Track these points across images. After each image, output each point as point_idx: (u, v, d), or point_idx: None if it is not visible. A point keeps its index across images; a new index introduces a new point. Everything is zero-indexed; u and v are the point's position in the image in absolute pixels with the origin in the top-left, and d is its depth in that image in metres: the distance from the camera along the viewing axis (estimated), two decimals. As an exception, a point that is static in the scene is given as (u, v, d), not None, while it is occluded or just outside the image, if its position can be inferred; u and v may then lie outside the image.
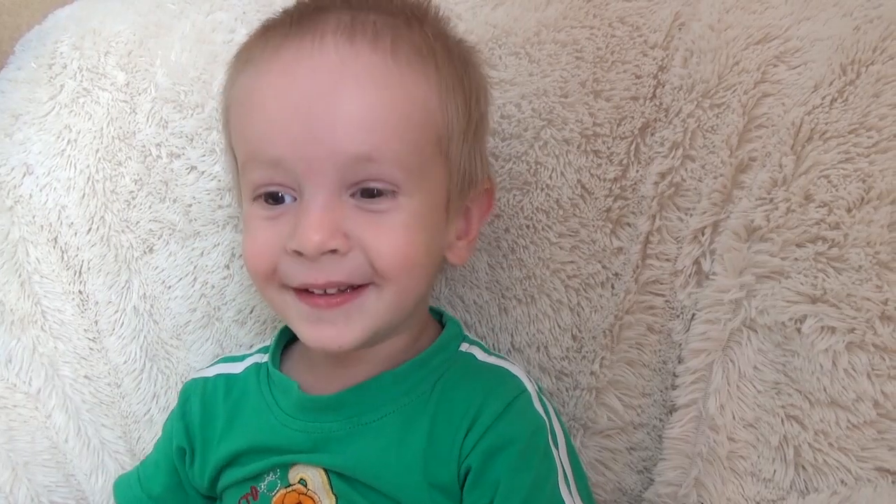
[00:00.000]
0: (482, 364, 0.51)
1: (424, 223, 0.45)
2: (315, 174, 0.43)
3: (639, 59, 0.59)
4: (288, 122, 0.43)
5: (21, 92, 0.67)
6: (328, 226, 0.43)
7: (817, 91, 0.52)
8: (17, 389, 0.61)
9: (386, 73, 0.44)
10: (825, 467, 0.49)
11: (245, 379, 0.54)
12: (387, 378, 0.49)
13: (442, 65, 0.46)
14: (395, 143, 0.43)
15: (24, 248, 0.64)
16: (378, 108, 0.43)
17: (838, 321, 0.49)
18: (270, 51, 0.45)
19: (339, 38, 0.44)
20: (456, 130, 0.47)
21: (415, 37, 0.46)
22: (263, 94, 0.44)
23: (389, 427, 0.48)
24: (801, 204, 0.51)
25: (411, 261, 0.45)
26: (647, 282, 0.58)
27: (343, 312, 0.45)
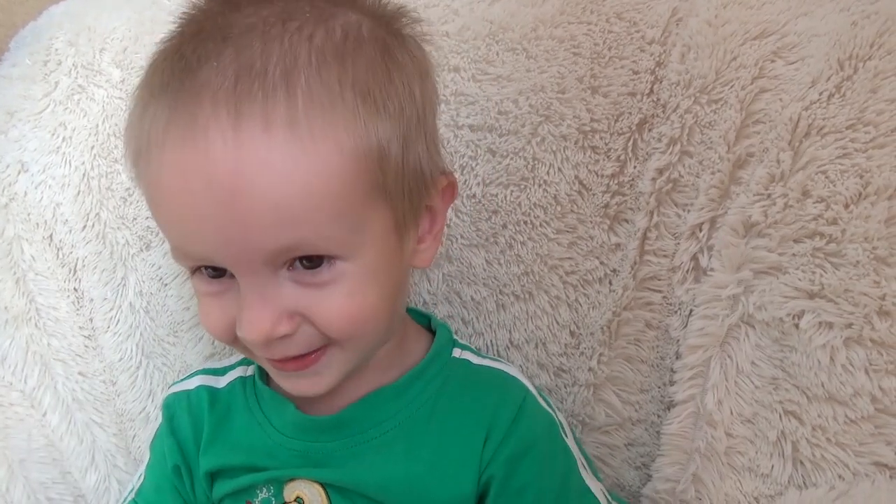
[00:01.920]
0: (479, 369, 0.50)
1: (372, 277, 0.42)
2: (243, 267, 0.40)
3: (636, 54, 0.58)
4: (199, 227, 0.39)
5: (16, 89, 0.66)
6: (270, 316, 0.40)
7: (815, 86, 0.52)
8: (13, 388, 0.61)
9: (288, 153, 0.37)
10: (823, 462, 0.49)
11: (230, 393, 0.52)
12: (386, 393, 0.48)
13: (356, 101, 0.39)
14: (317, 226, 0.39)
15: (20, 246, 0.63)
16: (289, 197, 0.38)
17: (836, 316, 0.49)
18: (154, 141, 0.39)
19: (224, 126, 0.37)
20: (392, 160, 0.41)
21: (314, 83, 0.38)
22: (163, 196, 0.40)
23: (393, 441, 0.47)
24: (798, 199, 0.51)
25: (364, 321, 0.42)
26: (644, 278, 0.58)
27: (311, 371, 0.44)
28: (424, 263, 0.47)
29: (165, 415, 0.53)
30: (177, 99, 0.38)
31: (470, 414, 0.47)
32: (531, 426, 0.47)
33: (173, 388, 0.54)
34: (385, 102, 0.41)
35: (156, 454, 0.53)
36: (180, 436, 0.52)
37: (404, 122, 0.42)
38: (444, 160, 0.48)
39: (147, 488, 0.53)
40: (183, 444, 0.52)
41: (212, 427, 0.51)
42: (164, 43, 0.42)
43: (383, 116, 0.41)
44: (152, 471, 0.53)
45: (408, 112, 0.43)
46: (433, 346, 0.50)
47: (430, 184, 0.45)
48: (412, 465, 0.46)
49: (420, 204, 0.45)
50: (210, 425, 0.51)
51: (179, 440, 0.52)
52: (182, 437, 0.52)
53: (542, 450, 0.46)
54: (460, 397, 0.48)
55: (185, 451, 0.52)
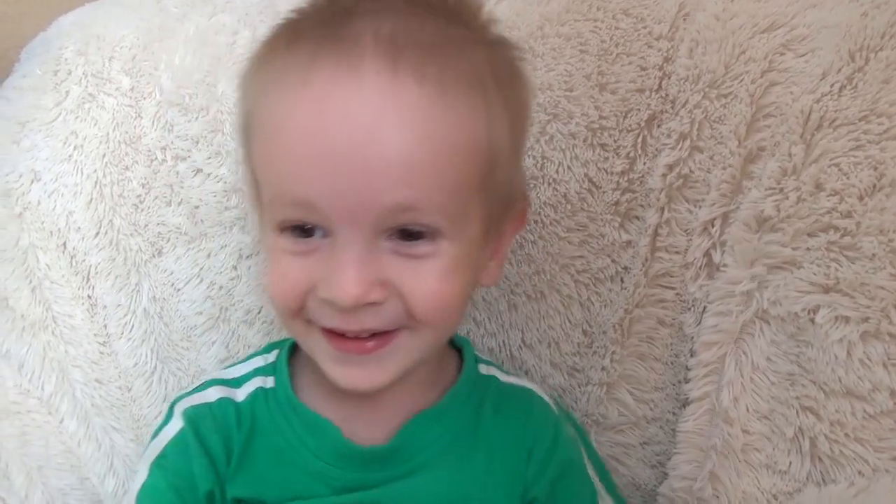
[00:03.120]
0: (508, 387, 0.51)
1: (464, 266, 0.42)
2: (349, 221, 0.39)
3: (644, 50, 0.58)
4: (320, 167, 0.38)
5: (27, 99, 0.67)
6: (367, 279, 0.39)
7: (826, 78, 0.51)
8: (30, 395, 0.62)
9: (432, 113, 0.38)
10: (842, 458, 0.48)
11: (251, 408, 0.47)
12: (429, 416, 0.47)
13: (491, 93, 0.41)
14: (437, 191, 0.39)
15: (35, 255, 0.64)
16: (421, 154, 0.38)
17: (852, 310, 0.48)
18: (299, 74, 0.39)
19: (380, 67, 0.37)
20: (501, 158, 0.43)
21: (463, 63, 0.40)
22: (292, 128, 0.39)
23: (439, 465, 0.46)
24: (811, 193, 0.50)
25: (450, 306, 0.42)
26: (656, 275, 0.58)
27: (374, 357, 0.42)
28: (491, 281, 0.48)
29: (191, 430, 0.46)
30: (333, 34, 0.39)
31: (510, 434, 0.48)
32: (567, 448, 0.49)
33: (189, 401, 0.48)
34: (509, 107, 0.43)
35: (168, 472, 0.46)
36: (214, 455, 0.46)
37: (515, 135, 0.44)
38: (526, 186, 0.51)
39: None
40: (216, 464, 0.46)
41: (240, 448, 0.46)
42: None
43: (505, 119, 0.43)
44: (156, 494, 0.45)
45: (517, 128, 0.45)
46: (466, 365, 0.50)
47: (514, 204, 0.47)
48: (460, 488, 0.46)
49: (502, 220, 0.46)
50: (238, 446, 0.46)
51: (213, 459, 0.46)
52: (215, 456, 0.46)
53: (577, 470, 0.49)
54: (498, 417, 0.49)
55: (219, 472, 0.46)
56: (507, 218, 0.47)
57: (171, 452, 0.46)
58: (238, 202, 0.64)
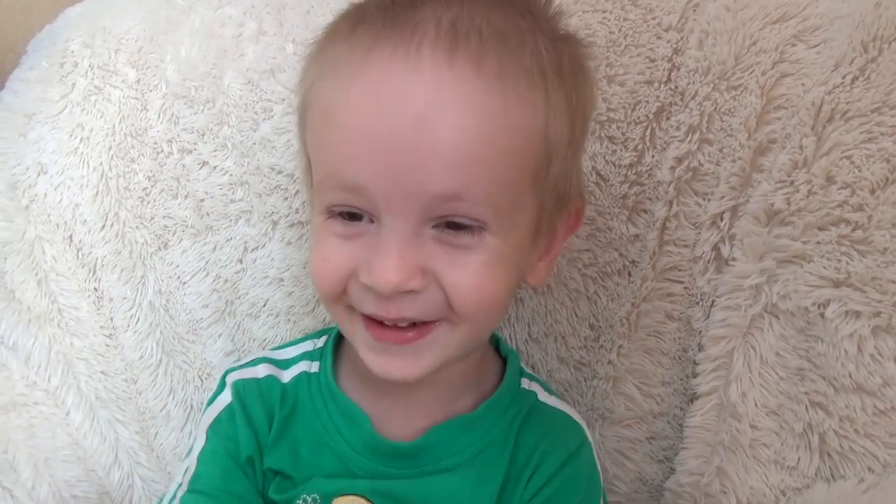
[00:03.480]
0: (545, 407, 0.50)
1: (508, 262, 0.41)
2: (396, 207, 0.39)
3: (653, 42, 0.57)
4: (371, 150, 0.38)
5: (34, 91, 0.67)
6: (408, 266, 0.39)
7: (838, 70, 0.50)
8: (37, 387, 0.62)
9: (488, 103, 0.38)
10: (851, 454, 0.48)
11: (295, 389, 0.49)
12: (463, 422, 0.47)
13: (552, 87, 0.41)
14: (487, 184, 0.39)
15: (41, 247, 0.64)
16: (474, 143, 0.38)
17: (863, 305, 0.48)
18: (358, 57, 0.39)
19: (438, 54, 0.38)
20: (557, 154, 0.42)
21: (525, 53, 0.40)
22: (346, 111, 0.39)
23: (465, 471, 0.46)
24: (822, 186, 0.50)
25: (490, 301, 0.41)
26: (664, 269, 0.57)
27: (412, 348, 0.42)
28: (538, 281, 0.47)
29: (237, 400, 0.49)
30: (396, 18, 0.39)
31: (527, 449, 0.47)
32: (576, 474, 0.47)
33: (239, 374, 0.50)
34: (570, 104, 0.42)
35: (220, 437, 0.49)
36: (256, 426, 0.49)
37: (575, 132, 0.43)
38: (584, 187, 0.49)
39: (206, 472, 0.48)
40: (259, 434, 0.48)
41: (280, 423, 0.49)
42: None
43: (565, 115, 0.42)
44: (212, 454, 0.48)
45: (577, 124, 0.44)
46: (506, 377, 0.49)
47: (568, 203, 0.46)
48: (481, 494, 0.46)
49: (555, 218, 0.45)
50: (279, 421, 0.49)
51: (256, 430, 0.48)
52: (258, 427, 0.48)
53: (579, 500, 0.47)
54: (530, 435, 0.48)
55: (260, 442, 0.48)
56: (559, 217, 0.46)
57: (224, 419, 0.49)
58: (244, 195, 0.64)
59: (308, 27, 0.64)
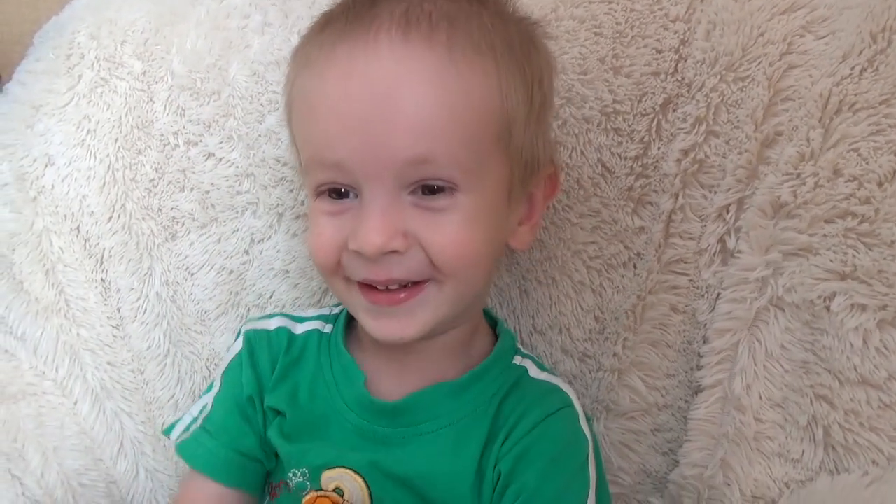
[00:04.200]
0: (534, 380, 0.50)
1: (484, 218, 0.45)
2: (373, 177, 0.43)
3: (659, 33, 0.57)
4: (345, 129, 0.43)
5: (41, 83, 0.67)
6: (388, 228, 0.43)
7: (846, 61, 0.50)
8: (45, 377, 0.62)
9: (442, 72, 0.43)
10: (856, 447, 0.48)
11: (305, 342, 0.54)
12: (446, 388, 0.49)
13: (501, 56, 0.45)
14: (451, 145, 0.43)
15: (48, 238, 0.65)
16: (434, 110, 0.43)
17: (869, 298, 0.47)
18: (326, 52, 0.44)
19: (394, 36, 0.43)
20: (517, 121, 0.46)
21: (472, 29, 0.45)
22: (320, 101, 0.44)
23: (445, 437, 0.48)
24: (829, 178, 0.49)
25: (471, 257, 0.45)
26: (670, 261, 0.57)
27: (405, 308, 0.45)
28: (521, 245, 0.51)
29: (246, 346, 0.54)
30: (356, 17, 0.45)
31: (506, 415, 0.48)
32: (551, 431, 0.47)
33: (253, 325, 0.55)
34: (523, 73, 0.46)
35: (229, 383, 0.54)
36: (259, 369, 0.53)
37: (531, 101, 0.47)
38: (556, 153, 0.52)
39: (216, 414, 0.53)
40: (261, 377, 0.53)
41: (283, 367, 0.53)
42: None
43: (519, 83, 0.46)
44: (222, 399, 0.54)
45: (536, 96, 0.47)
46: (496, 348, 0.51)
47: (540, 168, 0.49)
48: (458, 461, 0.47)
49: (528, 182, 0.49)
50: (282, 365, 0.53)
51: (258, 373, 0.53)
52: (261, 370, 0.53)
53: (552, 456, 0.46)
54: (511, 404, 0.48)
55: (262, 384, 0.53)
56: (532, 182, 0.49)
57: (234, 366, 0.54)
58: (249, 186, 0.64)
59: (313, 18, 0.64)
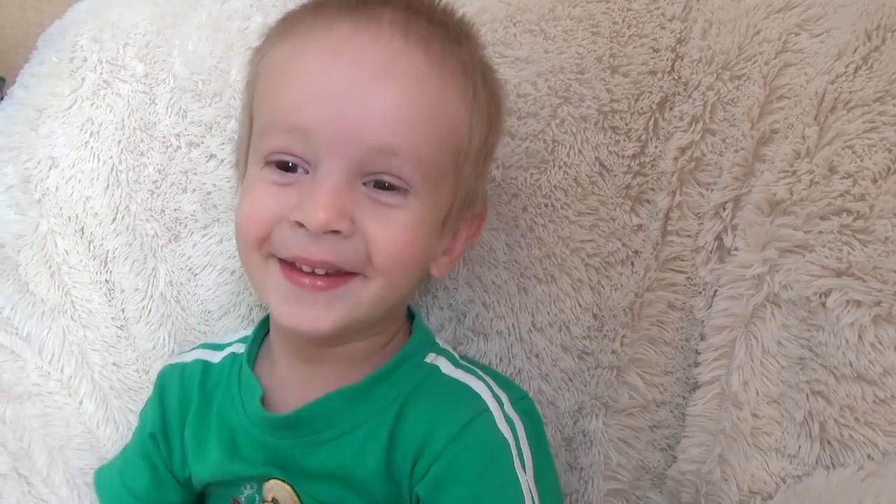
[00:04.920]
0: (445, 378, 0.48)
1: (426, 228, 0.45)
2: (337, 153, 0.42)
3: (656, 32, 0.57)
4: (324, 96, 0.42)
5: (44, 86, 0.68)
6: (338, 206, 0.42)
7: (841, 59, 0.50)
8: (51, 377, 0.63)
9: (430, 79, 0.44)
10: (851, 442, 0.48)
11: (220, 370, 0.54)
12: (345, 394, 0.47)
13: (478, 89, 0.47)
14: (420, 145, 0.43)
15: (53, 240, 0.65)
16: (415, 108, 0.43)
17: (864, 294, 0.48)
18: (321, 27, 0.44)
19: (396, 33, 0.44)
20: (472, 152, 0.47)
21: (462, 55, 0.46)
22: (304, 63, 0.44)
23: (346, 444, 0.46)
24: (824, 176, 0.50)
25: (407, 259, 0.44)
26: (667, 259, 0.58)
27: (324, 297, 0.43)
28: (439, 273, 0.50)
29: (157, 385, 0.55)
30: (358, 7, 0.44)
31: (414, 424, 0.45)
32: (468, 450, 0.44)
33: (171, 360, 0.56)
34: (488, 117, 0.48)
35: (141, 421, 0.57)
36: (167, 405, 0.54)
37: (485, 143, 0.49)
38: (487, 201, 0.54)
39: (129, 456, 0.56)
40: (167, 414, 0.54)
41: (200, 401, 0.53)
42: None
43: (483, 122, 0.48)
44: (136, 439, 0.57)
45: (489, 141, 0.49)
46: (403, 348, 0.49)
47: (471, 207, 0.50)
48: (361, 470, 0.45)
49: (461, 216, 0.49)
50: (198, 399, 0.53)
51: (164, 409, 0.54)
52: (168, 406, 0.54)
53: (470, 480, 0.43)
54: (415, 406, 0.46)
55: (167, 420, 0.54)
56: (463, 217, 0.50)
57: (147, 402, 0.57)
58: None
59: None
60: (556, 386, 0.61)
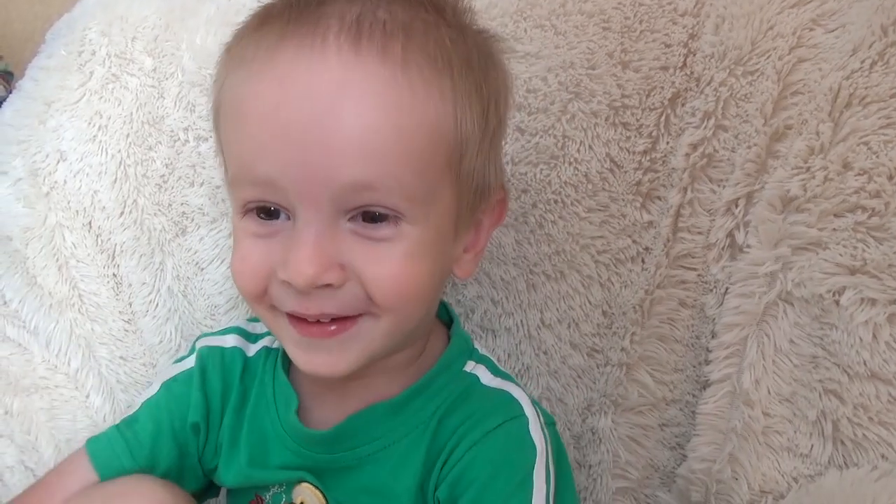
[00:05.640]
0: (485, 389, 0.46)
1: (429, 250, 0.41)
2: (308, 200, 0.38)
3: (668, 27, 0.57)
4: (279, 142, 0.38)
5: (53, 80, 0.68)
6: (322, 259, 0.38)
7: (856, 54, 0.50)
8: (58, 370, 0.63)
9: (394, 90, 0.38)
10: (865, 442, 0.47)
11: (255, 364, 0.51)
12: (382, 408, 0.45)
13: (458, 75, 0.41)
14: (398, 172, 0.38)
15: (61, 234, 0.65)
16: (382, 132, 0.38)
17: (879, 292, 0.47)
18: (265, 51, 0.39)
19: (343, 43, 0.38)
20: (470, 145, 0.42)
21: (429, 43, 0.40)
22: (254, 106, 0.39)
23: (385, 462, 0.45)
24: (839, 172, 0.49)
25: (411, 293, 0.41)
26: (678, 256, 0.57)
27: (336, 341, 0.41)
28: (464, 274, 0.47)
29: (198, 365, 0.50)
30: (301, 15, 0.39)
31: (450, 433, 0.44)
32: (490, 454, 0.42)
33: (207, 341, 0.52)
34: (479, 94, 0.42)
35: (171, 396, 0.50)
36: (209, 393, 0.50)
37: (486, 124, 0.43)
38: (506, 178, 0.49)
39: (143, 427, 0.49)
40: (210, 403, 0.49)
41: (238, 395, 0.50)
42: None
43: (475, 104, 0.42)
44: (157, 411, 0.50)
45: (491, 118, 0.43)
46: (441, 358, 0.47)
47: (489, 194, 0.45)
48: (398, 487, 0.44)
49: (476, 209, 0.45)
50: (237, 393, 0.50)
51: (208, 397, 0.49)
52: (211, 394, 0.50)
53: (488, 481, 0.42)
54: (455, 419, 0.44)
55: (210, 410, 0.49)
56: (481, 209, 0.46)
57: (181, 379, 0.51)
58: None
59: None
60: (565, 383, 0.61)
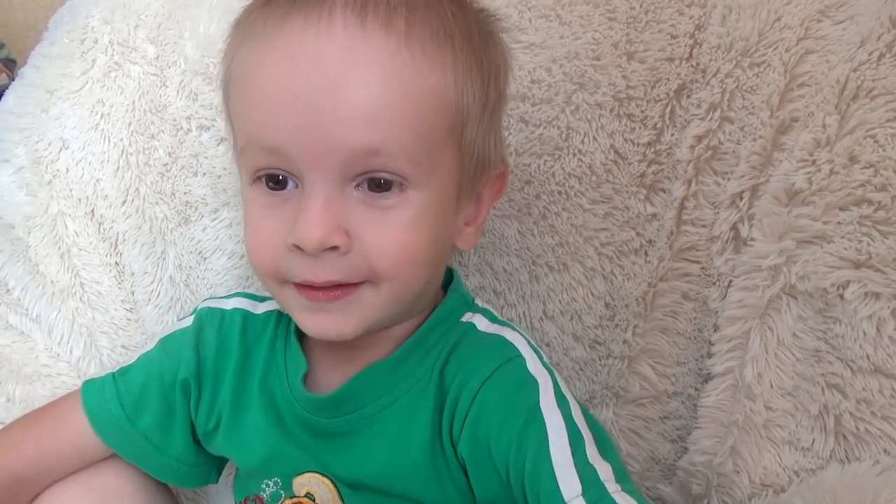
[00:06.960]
0: (481, 336, 0.47)
1: (432, 217, 0.43)
2: (316, 166, 0.40)
3: (674, 18, 0.57)
4: (288, 109, 0.40)
5: (55, 67, 0.67)
6: (329, 222, 0.40)
7: (864, 46, 0.49)
8: (60, 359, 0.63)
9: (398, 62, 0.40)
10: (867, 436, 0.47)
11: (264, 323, 0.51)
12: (380, 367, 0.46)
13: (460, 48, 0.43)
14: (403, 137, 0.40)
15: (63, 222, 0.65)
16: (386, 100, 0.40)
17: (884, 286, 0.47)
18: (273, 24, 0.41)
19: (349, 17, 0.40)
20: (471, 116, 0.44)
21: (432, 17, 0.42)
22: (263, 75, 0.41)
23: (392, 420, 0.45)
24: (845, 165, 0.49)
25: (413, 260, 0.42)
26: (682, 248, 0.57)
27: (341, 305, 0.43)
28: (466, 245, 0.48)
29: (195, 325, 0.52)
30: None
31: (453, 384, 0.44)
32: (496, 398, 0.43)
33: (209, 303, 0.53)
34: (480, 68, 0.44)
35: (167, 354, 0.52)
36: (204, 352, 0.51)
37: (486, 96, 0.45)
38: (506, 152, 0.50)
39: (134, 379, 0.51)
40: (203, 363, 0.51)
41: (240, 354, 0.50)
42: None
43: (475, 78, 0.44)
44: (151, 366, 0.51)
45: (491, 92, 0.45)
46: (436, 311, 0.48)
47: (489, 167, 0.47)
48: (411, 447, 0.45)
49: (477, 182, 0.47)
50: (238, 352, 0.50)
51: (201, 357, 0.51)
52: (205, 354, 0.51)
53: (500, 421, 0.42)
54: (453, 367, 0.45)
55: (202, 369, 0.51)
56: (482, 181, 0.47)
57: (176, 337, 0.52)
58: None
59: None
60: (567, 375, 0.61)
